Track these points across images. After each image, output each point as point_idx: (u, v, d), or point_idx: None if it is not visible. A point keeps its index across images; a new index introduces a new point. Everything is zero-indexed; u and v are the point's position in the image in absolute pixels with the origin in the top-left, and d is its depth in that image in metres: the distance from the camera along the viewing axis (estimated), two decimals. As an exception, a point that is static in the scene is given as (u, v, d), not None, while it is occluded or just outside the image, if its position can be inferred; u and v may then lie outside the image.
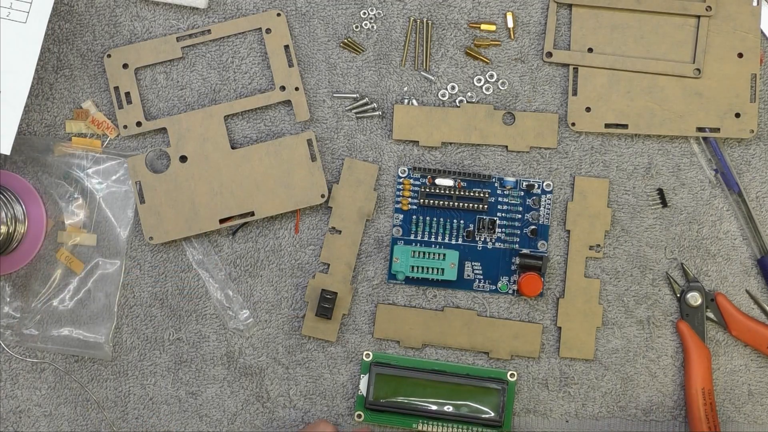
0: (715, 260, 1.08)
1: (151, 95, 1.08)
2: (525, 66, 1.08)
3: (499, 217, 1.07)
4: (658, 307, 1.08)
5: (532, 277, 1.06)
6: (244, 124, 1.08)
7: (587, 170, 1.08)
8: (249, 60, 1.08)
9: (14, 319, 1.08)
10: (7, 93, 1.02)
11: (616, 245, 1.08)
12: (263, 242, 1.08)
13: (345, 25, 1.08)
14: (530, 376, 1.07)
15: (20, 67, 1.02)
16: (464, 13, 1.08)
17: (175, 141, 1.07)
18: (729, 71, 1.06)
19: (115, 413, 1.09)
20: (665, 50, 1.07)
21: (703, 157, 1.08)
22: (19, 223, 1.07)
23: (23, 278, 1.09)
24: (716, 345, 1.07)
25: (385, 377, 1.06)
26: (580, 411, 1.08)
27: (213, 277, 1.08)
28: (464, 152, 1.08)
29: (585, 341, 1.07)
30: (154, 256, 1.08)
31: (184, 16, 1.08)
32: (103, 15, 1.08)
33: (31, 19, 1.03)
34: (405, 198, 1.07)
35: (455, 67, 1.08)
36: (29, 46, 1.03)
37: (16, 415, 1.09)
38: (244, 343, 1.08)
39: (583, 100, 1.07)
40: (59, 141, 1.08)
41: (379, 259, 1.08)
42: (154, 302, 1.09)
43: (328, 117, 1.08)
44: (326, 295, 1.06)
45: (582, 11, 1.07)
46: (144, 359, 1.08)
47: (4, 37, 1.02)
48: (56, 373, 1.09)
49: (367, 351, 1.07)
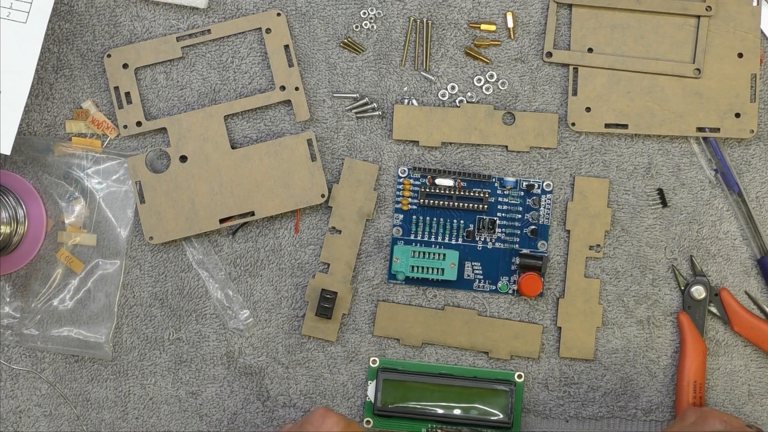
0: (715, 260, 1.08)
1: (151, 95, 1.08)
2: (525, 66, 1.08)
3: (499, 217, 1.07)
4: (658, 307, 1.08)
5: (532, 277, 1.06)
6: (244, 124, 1.08)
7: (587, 170, 1.08)
8: (249, 60, 1.08)
9: (14, 319, 1.08)
10: (8, 93, 1.02)
11: (616, 245, 1.08)
12: (263, 242, 1.08)
13: (345, 25, 1.08)
14: (530, 376, 1.07)
15: (20, 67, 1.02)
16: (464, 13, 1.08)
17: (175, 141, 1.07)
18: (729, 71, 1.06)
19: (115, 413, 1.09)
20: (665, 50, 1.07)
21: (703, 157, 1.08)
22: (19, 223, 1.07)
23: (23, 278, 1.08)
24: (716, 345, 1.07)
25: (393, 383, 1.06)
26: (580, 411, 1.08)
27: (213, 277, 1.08)
28: (464, 152, 1.08)
29: (585, 341, 1.07)
30: (154, 256, 1.08)
31: (184, 16, 1.08)
32: (103, 15, 1.08)
33: (32, 19, 1.03)
34: (405, 198, 1.07)
35: (455, 67, 1.08)
36: (29, 46, 1.03)
37: (16, 415, 1.09)
38: (244, 343, 1.08)
39: (583, 100, 1.07)
40: (59, 141, 1.08)
41: (379, 259, 1.08)
42: (154, 302, 1.08)
43: (328, 117, 1.08)
44: (326, 295, 1.06)
45: (582, 11, 1.07)
46: (144, 359, 1.08)
47: (5, 37, 1.02)
48: (56, 373, 1.09)
49: (374, 357, 1.07)
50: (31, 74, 1.02)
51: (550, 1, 1.07)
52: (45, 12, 1.03)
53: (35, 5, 1.03)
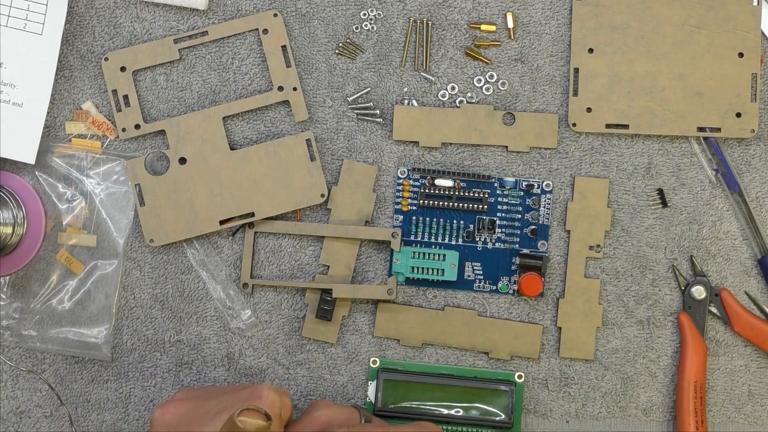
0: (716, 260, 1.08)
1: (151, 96, 1.08)
2: (525, 66, 1.08)
3: (499, 217, 1.07)
4: (658, 307, 1.08)
5: (533, 277, 1.06)
6: (244, 125, 1.08)
7: (587, 170, 1.08)
8: (249, 61, 1.08)
9: (13, 320, 1.08)
10: (30, 106, 1.03)
11: (616, 245, 1.08)
12: (263, 243, 1.08)
13: (345, 26, 1.08)
14: (530, 376, 1.07)
15: (40, 79, 1.04)
16: (464, 13, 1.08)
17: (174, 143, 1.07)
18: (729, 71, 1.06)
19: (116, 414, 1.09)
20: (665, 50, 1.06)
21: (703, 157, 1.08)
22: (18, 224, 1.07)
23: (22, 279, 1.08)
24: (716, 345, 1.07)
25: (393, 383, 1.06)
26: (580, 411, 1.08)
27: (215, 277, 1.08)
28: (464, 153, 1.08)
29: (585, 341, 1.07)
30: (154, 257, 1.08)
31: (184, 18, 1.08)
32: (103, 16, 1.08)
33: (47, 30, 1.04)
34: (405, 199, 1.07)
35: (455, 68, 1.08)
36: (47, 57, 1.04)
37: (16, 416, 1.09)
38: (245, 344, 1.08)
39: (584, 100, 1.07)
40: (59, 142, 1.08)
41: (379, 261, 1.08)
42: (154, 304, 1.08)
43: (328, 118, 1.08)
44: (326, 297, 1.06)
45: (582, 11, 1.07)
46: (145, 361, 1.08)
47: (23, 50, 1.03)
48: (57, 374, 1.09)
49: (374, 358, 1.07)
50: (50, 85, 1.04)
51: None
52: (59, 23, 1.04)
53: (50, 16, 1.04)
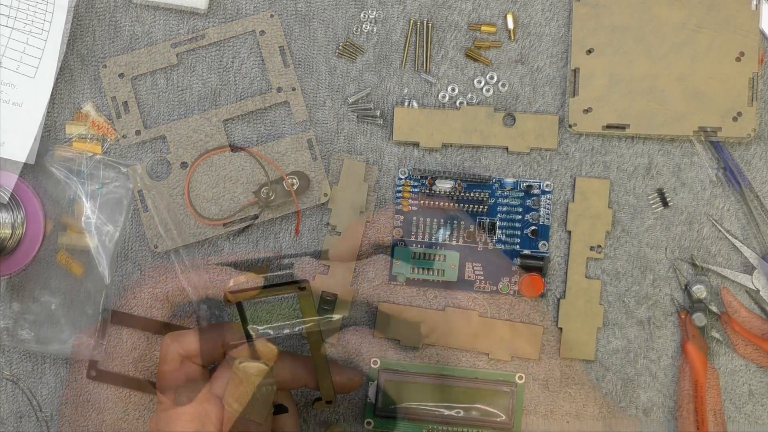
0: (716, 260, 1.08)
1: (151, 99, 1.08)
2: (525, 67, 1.08)
3: (500, 218, 1.07)
4: (658, 307, 1.08)
5: (533, 278, 1.06)
6: (245, 126, 1.08)
7: (588, 171, 1.08)
8: (249, 62, 1.08)
9: (12, 321, 1.08)
10: (29, 106, 1.05)
11: (617, 246, 1.08)
12: (264, 244, 1.08)
13: (345, 27, 1.08)
14: (531, 376, 1.08)
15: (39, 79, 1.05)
16: (464, 14, 1.08)
17: (175, 148, 1.07)
18: (729, 71, 1.06)
19: (116, 414, 1.09)
20: (665, 51, 1.06)
21: (705, 156, 1.08)
22: (18, 225, 1.07)
23: (22, 280, 1.08)
24: (716, 344, 1.08)
25: (394, 383, 1.06)
26: (580, 411, 1.08)
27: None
28: (464, 154, 1.08)
29: (586, 342, 1.07)
30: (154, 258, 1.08)
31: (184, 20, 1.08)
32: (103, 18, 1.08)
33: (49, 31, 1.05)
34: (405, 200, 1.07)
35: (455, 69, 1.08)
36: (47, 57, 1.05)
37: (16, 419, 1.09)
38: (245, 345, 1.08)
39: (584, 100, 1.07)
40: (59, 143, 1.08)
41: (379, 261, 1.08)
42: (154, 304, 1.08)
43: (329, 119, 1.08)
44: (326, 297, 1.06)
45: (582, 11, 1.07)
46: (145, 360, 1.08)
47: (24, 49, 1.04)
48: (57, 375, 1.09)
49: (375, 358, 1.07)
50: (50, 85, 1.05)
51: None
52: (61, 25, 1.05)
53: (52, 17, 1.04)
